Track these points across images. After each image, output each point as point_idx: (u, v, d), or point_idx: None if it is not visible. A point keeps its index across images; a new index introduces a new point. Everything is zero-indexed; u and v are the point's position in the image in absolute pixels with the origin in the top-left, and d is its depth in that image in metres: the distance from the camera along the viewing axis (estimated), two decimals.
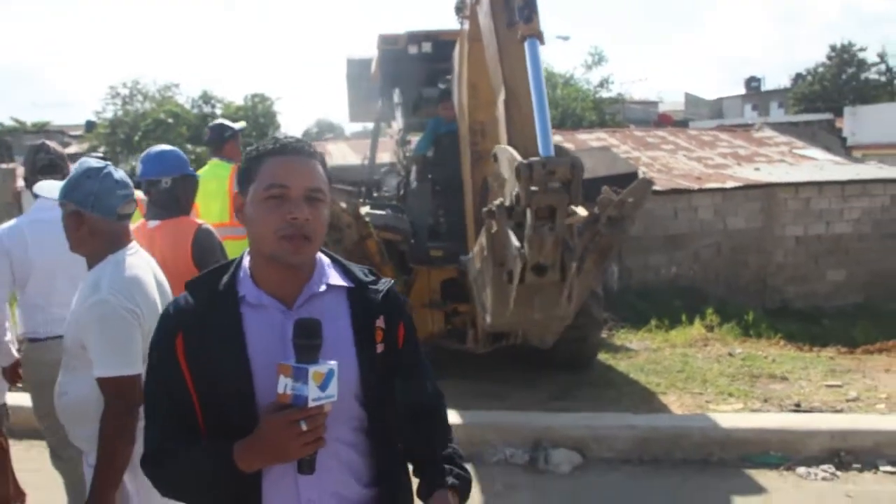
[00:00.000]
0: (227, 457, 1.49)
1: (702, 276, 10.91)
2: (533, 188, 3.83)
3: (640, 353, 7.42)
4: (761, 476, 4.44)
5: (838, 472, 4.43)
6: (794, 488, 4.31)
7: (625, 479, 4.47)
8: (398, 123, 8.26)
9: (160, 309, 2.50)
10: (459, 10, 5.61)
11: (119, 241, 2.60)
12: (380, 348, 1.66)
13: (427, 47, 7.00)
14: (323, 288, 1.64)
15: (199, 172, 4.75)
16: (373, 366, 1.63)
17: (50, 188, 2.91)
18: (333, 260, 1.74)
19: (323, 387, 1.45)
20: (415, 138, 8.32)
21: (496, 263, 4.33)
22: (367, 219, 6.28)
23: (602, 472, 4.54)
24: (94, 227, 2.56)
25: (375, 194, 8.12)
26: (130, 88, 24.06)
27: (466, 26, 5.48)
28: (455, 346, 6.40)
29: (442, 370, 6.03)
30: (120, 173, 2.66)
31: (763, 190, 11.16)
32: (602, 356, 7.10)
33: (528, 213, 3.96)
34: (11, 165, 20.83)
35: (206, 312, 1.60)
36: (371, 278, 1.72)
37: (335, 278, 1.68)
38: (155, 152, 3.85)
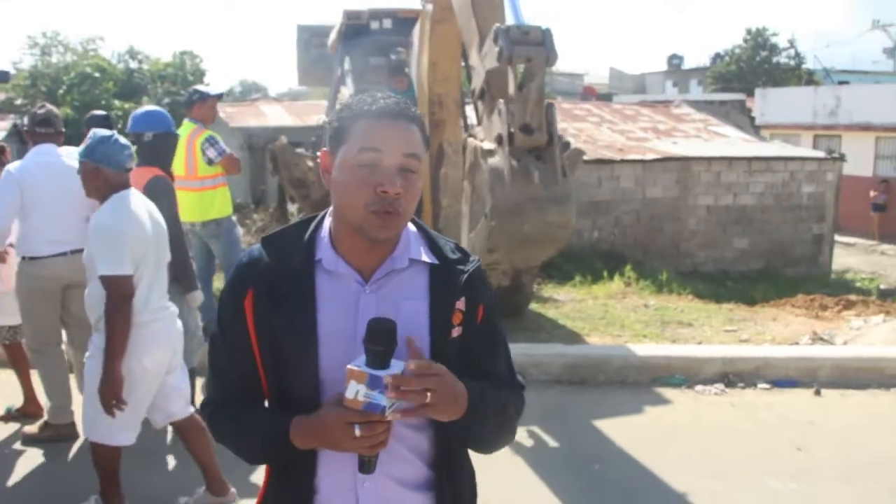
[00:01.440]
0: (284, 432, 1.49)
1: (622, 241, 12.09)
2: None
3: (566, 303, 8.52)
4: (667, 393, 5.59)
5: (727, 389, 5.63)
6: (692, 401, 5.48)
7: (558, 396, 5.54)
8: (349, 89, 9.01)
9: (149, 233, 3.56)
10: None
11: (122, 187, 3.58)
12: (456, 332, 1.58)
13: (387, 23, 7.84)
14: (405, 263, 1.57)
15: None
16: (445, 350, 1.55)
17: (71, 152, 3.95)
18: (420, 230, 1.66)
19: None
20: None
21: (485, 153, 4.66)
22: None
23: (539, 390, 5.59)
24: (107, 178, 3.53)
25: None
26: (50, 38, 23.69)
27: (429, 8, 6.31)
28: None
29: None
30: (123, 139, 3.65)
31: (679, 162, 12.40)
32: (533, 306, 8.12)
33: (510, 74, 4.43)
34: None
35: (279, 271, 1.54)
36: (457, 255, 1.64)
37: (419, 253, 1.60)
38: (143, 111, 4.66)
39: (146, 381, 3.50)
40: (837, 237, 14.79)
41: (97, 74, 20.14)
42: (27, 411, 4.90)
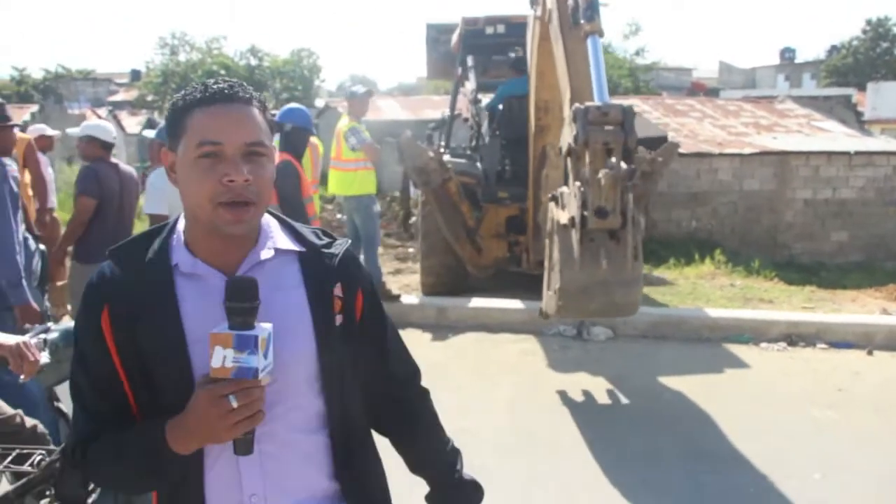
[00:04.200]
0: (161, 437, 1.40)
1: (718, 231, 13.16)
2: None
3: (658, 281, 9.79)
4: (735, 349, 6.87)
5: (789, 348, 6.87)
6: (757, 355, 6.74)
7: (642, 348, 6.91)
8: (471, 84, 10.38)
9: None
10: (533, 2, 7.47)
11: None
12: (339, 320, 1.56)
13: (500, 29, 9.30)
14: (270, 253, 1.53)
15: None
16: (331, 340, 1.53)
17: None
18: (282, 222, 1.64)
19: (266, 354, 1.36)
20: (485, 98, 10.61)
21: (561, 228, 4.85)
22: (449, 165, 8.57)
23: (627, 342, 6.98)
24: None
25: (452, 146, 10.40)
26: (178, 39, 26.28)
27: (539, 12, 6.88)
28: (514, 268, 8.81)
29: (508, 287, 8.46)
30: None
31: (777, 157, 13.35)
32: None
33: (587, 154, 4.60)
34: (82, 111, 23.31)
35: (133, 282, 1.47)
36: (325, 241, 1.63)
37: (284, 242, 1.57)
38: (290, 106, 6.18)
39: None
40: None
41: (222, 72, 22.28)
42: None
